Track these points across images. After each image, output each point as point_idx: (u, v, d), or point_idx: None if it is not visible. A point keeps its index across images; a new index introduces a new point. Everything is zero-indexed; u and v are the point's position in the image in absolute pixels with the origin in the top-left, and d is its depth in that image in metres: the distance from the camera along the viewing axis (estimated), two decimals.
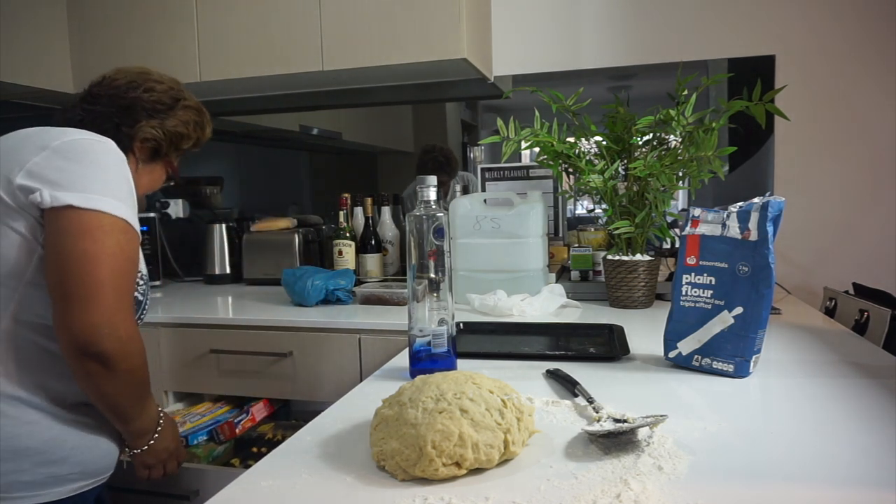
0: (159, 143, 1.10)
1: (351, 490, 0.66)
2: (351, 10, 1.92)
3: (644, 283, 1.58)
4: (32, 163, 0.87)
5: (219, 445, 1.58)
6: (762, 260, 0.97)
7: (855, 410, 0.84)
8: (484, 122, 2.34)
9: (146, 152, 1.11)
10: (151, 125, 1.08)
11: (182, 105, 1.13)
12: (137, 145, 1.09)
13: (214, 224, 2.23)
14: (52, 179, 0.86)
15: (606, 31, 2.11)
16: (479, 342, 1.31)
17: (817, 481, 0.64)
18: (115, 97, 1.07)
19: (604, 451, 0.72)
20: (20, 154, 0.89)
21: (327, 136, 2.52)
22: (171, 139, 1.12)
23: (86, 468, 0.96)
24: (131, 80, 1.09)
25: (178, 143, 1.14)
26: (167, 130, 1.10)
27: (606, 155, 1.60)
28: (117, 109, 1.06)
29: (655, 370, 1.06)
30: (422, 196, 0.99)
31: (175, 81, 1.16)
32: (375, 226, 2.04)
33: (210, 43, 2.05)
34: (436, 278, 0.99)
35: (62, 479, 0.93)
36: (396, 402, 0.76)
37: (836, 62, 1.96)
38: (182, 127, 1.12)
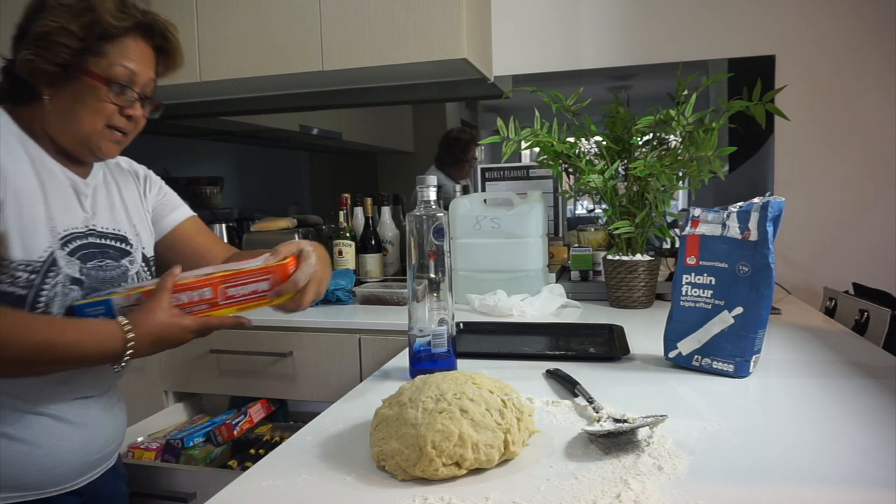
0: (37, 61, 0.87)
1: (351, 490, 0.66)
2: (351, 10, 1.92)
3: (644, 283, 1.58)
4: None
5: (216, 447, 1.58)
6: (762, 260, 0.97)
7: (855, 410, 0.84)
8: (484, 122, 2.34)
9: (38, 78, 0.89)
10: (24, 48, 0.89)
11: (44, 5, 0.89)
12: (28, 77, 0.89)
13: (214, 224, 2.23)
14: None
15: (606, 31, 2.11)
16: (479, 342, 1.31)
17: (817, 481, 0.64)
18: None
19: (604, 451, 0.72)
20: None
21: (327, 136, 2.52)
22: (46, 47, 0.87)
23: (2, 481, 0.88)
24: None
25: (59, 45, 0.87)
26: (36, 42, 0.87)
27: (606, 155, 1.60)
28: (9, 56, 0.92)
29: (655, 370, 1.06)
30: (422, 196, 0.99)
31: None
32: (375, 226, 2.04)
33: (210, 43, 2.05)
34: (436, 278, 0.99)
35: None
36: (396, 402, 0.76)
37: (836, 62, 1.96)
38: (51, 22, 0.87)
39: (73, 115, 0.91)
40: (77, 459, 0.95)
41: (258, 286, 0.89)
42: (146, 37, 0.95)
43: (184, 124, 2.56)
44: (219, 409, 1.81)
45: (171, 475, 1.40)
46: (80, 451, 0.96)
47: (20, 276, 0.86)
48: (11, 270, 0.85)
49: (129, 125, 0.96)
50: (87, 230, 0.97)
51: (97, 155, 0.96)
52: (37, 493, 0.91)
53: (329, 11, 1.94)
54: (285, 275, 0.89)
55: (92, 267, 0.95)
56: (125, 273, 1.02)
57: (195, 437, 1.57)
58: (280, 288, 0.90)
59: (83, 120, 0.91)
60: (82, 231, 0.96)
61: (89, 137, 0.92)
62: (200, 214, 1.21)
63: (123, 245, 1.03)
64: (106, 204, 1.03)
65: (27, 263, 0.87)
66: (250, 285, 0.90)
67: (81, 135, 0.92)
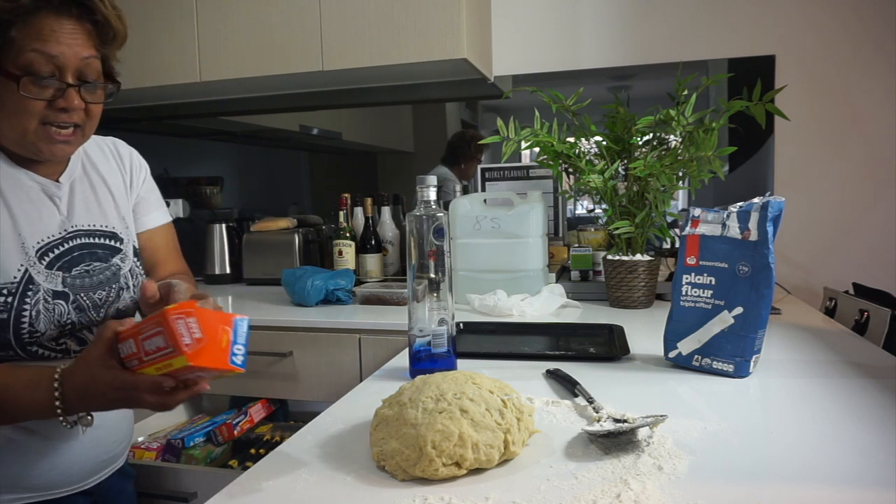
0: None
1: (351, 490, 0.66)
2: (351, 10, 1.92)
3: (644, 283, 1.58)
4: None
5: (217, 447, 1.58)
6: (762, 260, 0.97)
7: (855, 410, 0.84)
8: (484, 122, 2.34)
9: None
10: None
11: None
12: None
13: (214, 224, 2.23)
14: None
15: (606, 31, 2.11)
16: (479, 342, 1.30)
17: (817, 481, 0.64)
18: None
19: (604, 451, 0.72)
20: None
21: (327, 136, 2.52)
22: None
23: (15, 482, 0.86)
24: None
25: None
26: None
27: (606, 155, 1.60)
28: None
29: (655, 370, 1.06)
30: (422, 196, 0.99)
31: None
32: (375, 226, 2.05)
33: (210, 43, 2.05)
34: (436, 278, 0.99)
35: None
36: (396, 402, 0.76)
37: (836, 62, 1.96)
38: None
39: (1, 118, 0.82)
40: (90, 459, 0.95)
41: (156, 342, 0.68)
42: (62, 11, 0.80)
43: (184, 124, 2.56)
44: (219, 408, 1.81)
45: (172, 475, 1.40)
46: (93, 451, 0.95)
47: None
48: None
49: (72, 118, 0.83)
50: (65, 234, 0.90)
51: (42, 158, 0.86)
52: (49, 493, 0.90)
53: (329, 11, 1.94)
54: (167, 324, 0.66)
55: (77, 275, 0.90)
56: (116, 273, 0.95)
57: (196, 436, 1.57)
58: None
59: (11, 122, 0.81)
60: (59, 238, 0.89)
61: (23, 139, 0.83)
62: (200, 214, 1.19)
63: (112, 242, 0.96)
64: (89, 199, 0.95)
65: (1, 287, 0.81)
66: (153, 339, 0.69)
67: (15, 137, 0.83)
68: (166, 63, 2.09)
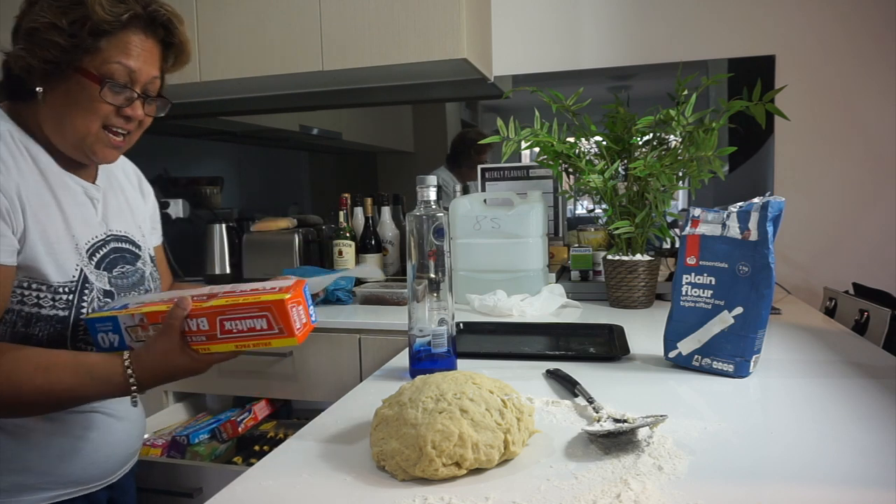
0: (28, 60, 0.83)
1: (351, 490, 0.66)
2: (351, 10, 1.92)
3: (644, 283, 1.58)
4: None
5: (221, 444, 1.59)
6: (762, 260, 0.97)
7: (855, 410, 0.84)
8: (484, 122, 2.34)
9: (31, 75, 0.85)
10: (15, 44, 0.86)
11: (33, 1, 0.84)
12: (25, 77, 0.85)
13: (214, 224, 2.23)
14: None
15: (606, 31, 2.11)
16: (479, 342, 1.31)
17: (817, 481, 0.64)
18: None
19: (604, 451, 0.72)
20: None
21: (327, 136, 2.52)
22: (36, 43, 0.83)
23: (58, 478, 0.89)
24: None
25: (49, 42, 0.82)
26: (26, 37, 0.84)
27: (606, 155, 1.60)
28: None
29: (655, 370, 1.06)
30: (422, 196, 0.99)
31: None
32: (375, 226, 2.04)
33: (210, 43, 2.05)
34: (436, 278, 0.99)
35: (30, 487, 0.87)
36: (396, 402, 0.76)
37: (836, 62, 1.96)
38: (41, 17, 0.82)
39: (67, 115, 0.86)
40: (120, 452, 0.98)
41: (255, 323, 0.79)
42: (148, 30, 0.88)
43: (184, 124, 2.56)
44: (223, 406, 1.82)
45: (178, 471, 1.43)
46: (123, 444, 0.98)
47: (61, 298, 0.86)
48: (52, 294, 0.85)
49: (129, 126, 0.90)
50: (105, 237, 0.95)
51: (92, 159, 0.90)
52: (87, 487, 0.93)
53: (329, 11, 1.94)
54: (284, 312, 0.78)
55: (116, 275, 0.95)
56: (143, 276, 1.01)
57: (200, 433, 1.58)
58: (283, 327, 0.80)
59: (76, 121, 0.86)
60: (101, 239, 0.94)
61: (83, 140, 0.87)
62: (200, 214, 1.21)
63: (134, 248, 1.01)
64: (115, 207, 1.00)
65: (63, 285, 0.86)
66: (247, 321, 0.79)
67: (76, 137, 0.87)
68: None
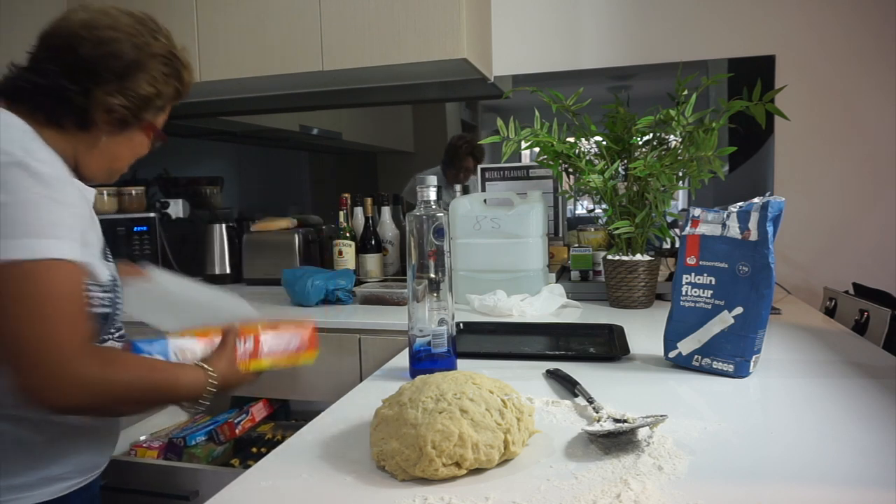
0: (123, 111, 0.89)
1: (351, 490, 0.66)
2: (351, 10, 1.92)
3: (644, 283, 1.58)
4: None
5: (218, 446, 1.58)
6: (762, 260, 0.97)
7: (855, 410, 0.84)
8: (484, 122, 2.34)
9: (112, 123, 0.90)
10: (108, 92, 0.87)
11: (147, 56, 0.90)
12: (101, 117, 0.88)
13: (214, 224, 2.23)
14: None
15: (606, 31, 2.11)
16: (479, 342, 1.30)
17: (817, 481, 0.64)
18: (59, 59, 0.86)
19: (604, 451, 0.72)
20: None
21: (327, 136, 2.52)
22: (139, 104, 0.90)
23: (78, 466, 0.91)
24: (75, 33, 0.86)
25: (150, 105, 0.92)
26: (130, 95, 0.89)
27: (606, 155, 1.60)
28: (61, 74, 0.85)
29: (655, 370, 1.06)
30: (422, 196, 0.99)
31: (136, 20, 0.91)
32: (375, 226, 2.04)
33: (210, 43, 2.05)
34: (436, 278, 0.99)
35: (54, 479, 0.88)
36: (396, 402, 0.76)
37: (836, 62, 1.96)
38: (148, 86, 0.90)
39: (119, 154, 0.96)
40: (118, 437, 1.03)
41: (291, 344, 1.02)
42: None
43: (184, 124, 2.56)
44: (220, 407, 1.81)
45: (174, 473, 1.41)
46: (121, 428, 1.05)
47: (106, 296, 0.89)
48: (101, 292, 0.89)
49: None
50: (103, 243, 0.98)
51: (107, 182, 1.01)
52: (92, 474, 0.94)
53: (329, 11, 1.94)
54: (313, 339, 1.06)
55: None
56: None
57: (197, 435, 1.57)
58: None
59: (124, 159, 0.97)
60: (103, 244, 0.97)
61: (118, 172, 0.98)
62: (200, 214, 1.22)
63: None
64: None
65: (104, 284, 0.89)
66: (285, 341, 1.01)
67: (116, 169, 0.97)
68: None
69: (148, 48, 0.90)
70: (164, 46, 0.93)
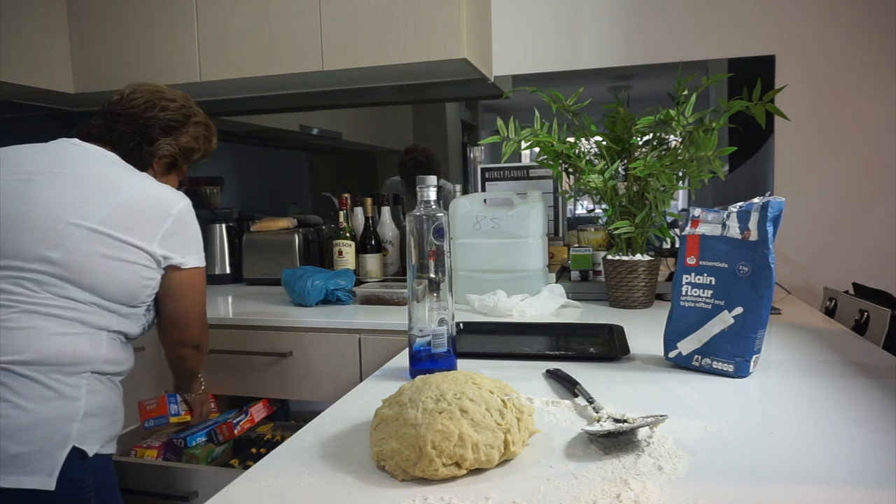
0: (175, 158, 1.26)
1: (351, 490, 0.66)
2: (351, 10, 1.92)
3: (644, 283, 1.58)
4: (164, 230, 1.11)
5: (217, 446, 1.58)
6: (762, 260, 0.97)
7: (855, 410, 0.84)
8: (484, 122, 2.34)
9: (163, 166, 1.26)
10: (167, 142, 1.24)
11: (193, 121, 1.28)
12: (156, 161, 1.24)
13: (214, 224, 2.23)
14: (181, 248, 1.15)
15: (606, 31, 2.11)
16: (479, 342, 1.30)
17: (817, 481, 0.64)
18: (134, 116, 1.21)
19: (604, 451, 0.72)
20: (142, 212, 1.10)
21: (327, 136, 2.52)
22: (184, 154, 1.28)
23: (120, 432, 1.16)
24: (148, 100, 1.23)
25: (190, 156, 1.30)
26: (181, 146, 1.26)
27: (606, 155, 1.60)
28: (137, 129, 1.20)
29: (655, 370, 1.06)
30: (422, 196, 0.99)
31: (186, 98, 1.30)
32: (375, 226, 2.04)
33: (210, 43, 2.05)
34: (436, 278, 0.99)
35: (116, 437, 1.14)
36: (396, 402, 0.76)
37: (836, 62, 1.96)
38: (193, 142, 1.28)
39: (169, 185, 1.22)
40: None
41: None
42: None
43: None
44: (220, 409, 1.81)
45: (173, 474, 1.41)
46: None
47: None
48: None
49: None
50: None
51: None
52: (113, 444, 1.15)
53: (329, 11, 1.94)
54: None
55: None
56: None
57: (197, 436, 1.57)
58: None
59: None
60: None
61: None
62: (200, 214, 1.24)
63: None
64: None
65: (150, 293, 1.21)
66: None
67: None
68: (166, 63, 2.09)
69: (194, 117, 1.29)
70: (203, 117, 1.32)
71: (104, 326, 1.09)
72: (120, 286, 1.08)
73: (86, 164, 1.11)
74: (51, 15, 2.14)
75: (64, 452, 1.00)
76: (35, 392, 0.99)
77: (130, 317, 1.14)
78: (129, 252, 1.08)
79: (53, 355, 1.01)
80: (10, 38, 2.01)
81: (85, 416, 1.04)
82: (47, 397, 1.00)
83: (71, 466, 1.00)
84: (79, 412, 1.03)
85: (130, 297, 1.11)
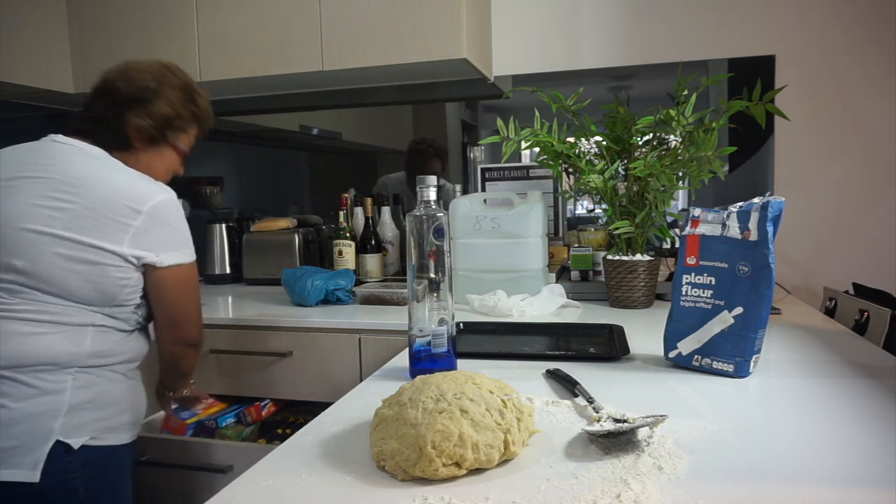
0: (150, 130, 1.17)
1: (351, 490, 0.66)
2: (351, 10, 1.92)
3: (644, 283, 1.58)
4: (134, 228, 1.07)
5: (246, 427, 1.63)
6: (762, 260, 0.97)
7: (855, 410, 0.84)
8: (484, 122, 2.34)
9: (143, 142, 1.18)
10: (136, 115, 1.15)
11: (168, 88, 1.18)
12: (134, 138, 1.16)
13: (214, 224, 2.23)
14: (155, 246, 1.10)
15: (606, 31, 2.11)
16: (479, 342, 1.30)
17: (817, 481, 0.64)
18: (104, 96, 1.16)
19: (604, 451, 0.72)
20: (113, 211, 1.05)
21: (327, 136, 2.52)
22: (163, 123, 1.18)
23: (135, 420, 1.18)
24: (114, 77, 1.17)
25: (172, 124, 1.20)
26: (156, 116, 1.17)
27: (606, 155, 1.60)
28: (104, 108, 1.15)
29: (655, 370, 1.06)
30: (422, 196, 0.99)
31: (160, 66, 1.20)
32: (375, 226, 2.04)
33: (210, 43, 2.05)
34: (436, 278, 0.99)
35: (125, 426, 1.15)
36: (396, 402, 0.76)
37: (836, 62, 1.96)
38: (168, 108, 1.18)
39: (153, 167, 1.20)
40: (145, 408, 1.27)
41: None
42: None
43: None
44: None
45: (209, 449, 1.49)
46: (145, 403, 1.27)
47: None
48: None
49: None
50: None
51: None
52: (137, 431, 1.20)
53: (329, 11, 1.94)
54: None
55: None
56: None
57: (227, 418, 1.64)
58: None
59: (158, 172, 1.20)
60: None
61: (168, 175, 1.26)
62: (200, 214, 1.25)
63: None
64: None
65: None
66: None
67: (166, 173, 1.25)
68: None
69: (166, 80, 1.18)
70: (180, 80, 1.20)
71: (88, 322, 1.08)
72: (91, 289, 1.06)
73: (63, 165, 1.08)
74: (51, 15, 2.14)
75: (47, 446, 1.02)
76: (18, 391, 1.02)
77: (118, 314, 1.12)
78: (95, 254, 1.05)
79: (31, 357, 1.03)
80: (10, 38, 2.00)
81: (70, 411, 1.05)
82: (30, 395, 1.02)
83: (55, 459, 1.02)
84: (62, 407, 1.04)
85: (108, 298, 1.09)
